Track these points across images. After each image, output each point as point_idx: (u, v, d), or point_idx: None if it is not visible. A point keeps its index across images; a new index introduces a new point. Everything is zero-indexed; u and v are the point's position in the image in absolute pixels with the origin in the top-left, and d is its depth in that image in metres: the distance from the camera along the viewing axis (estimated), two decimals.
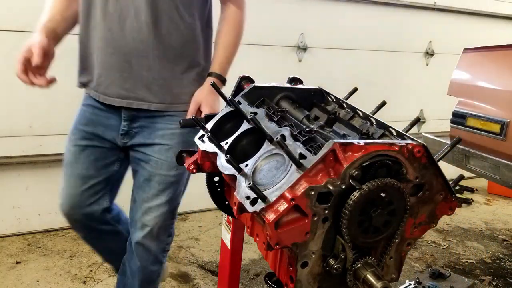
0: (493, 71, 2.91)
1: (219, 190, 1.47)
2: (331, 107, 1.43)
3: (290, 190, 0.93)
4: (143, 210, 1.73)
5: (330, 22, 3.91)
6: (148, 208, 1.73)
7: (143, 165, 1.72)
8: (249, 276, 2.79)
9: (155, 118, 1.68)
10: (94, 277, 2.69)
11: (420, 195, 1.05)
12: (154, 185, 1.71)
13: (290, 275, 1.04)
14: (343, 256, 0.99)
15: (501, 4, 4.79)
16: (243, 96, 1.39)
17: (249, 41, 3.58)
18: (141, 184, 1.73)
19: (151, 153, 1.70)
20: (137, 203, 1.75)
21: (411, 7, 4.29)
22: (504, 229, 3.83)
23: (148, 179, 1.72)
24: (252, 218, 1.07)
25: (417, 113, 4.59)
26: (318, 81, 1.56)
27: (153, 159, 1.69)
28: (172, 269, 2.83)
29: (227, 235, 1.60)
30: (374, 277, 0.98)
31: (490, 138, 2.76)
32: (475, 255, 3.30)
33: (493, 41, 3.05)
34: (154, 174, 1.70)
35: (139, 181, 1.75)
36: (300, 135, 1.11)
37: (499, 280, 2.95)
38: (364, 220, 0.98)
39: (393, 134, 1.17)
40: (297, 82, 1.52)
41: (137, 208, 1.75)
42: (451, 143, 1.19)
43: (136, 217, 1.75)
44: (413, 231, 1.09)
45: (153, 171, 1.70)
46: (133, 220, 1.77)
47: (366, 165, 0.95)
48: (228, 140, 1.23)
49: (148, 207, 1.72)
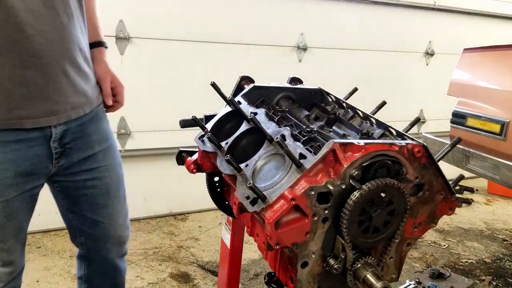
0: (493, 71, 2.91)
1: (219, 190, 1.47)
2: (331, 107, 1.43)
3: (290, 190, 0.93)
4: (116, 227, 1.59)
5: (330, 22, 3.91)
6: (121, 224, 1.60)
7: (93, 183, 1.48)
8: (249, 276, 2.79)
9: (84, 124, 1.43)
10: None
11: (420, 195, 1.05)
12: (117, 194, 1.56)
13: (290, 275, 1.04)
14: (343, 256, 0.99)
15: (501, 4, 4.79)
16: (243, 96, 1.39)
17: (249, 41, 3.60)
18: (98, 203, 1.52)
19: (106, 161, 1.50)
20: (102, 224, 1.55)
21: (411, 7, 4.29)
22: (504, 229, 3.83)
23: (107, 193, 1.52)
24: (252, 218, 1.07)
25: (417, 113, 4.59)
26: (318, 81, 1.56)
27: (110, 167, 1.52)
28: (172, 269, 2.83)
29: (227, 235, 1.60)
30: (374, 277, 0.98)
31: (490, 138, 2.76)
32: (475, 255, 3.30)
33: (493, 41, 3.05)
34: (115, 184, 1.55)
35: (93, 202, 1.51)
36: (300, 135, 1.12)
37: (499, 280, 2.95)
38: (364, 220, 0.98)
39: (393, 134, 1.17)
40: (297, 82, 1.52)
41: (105, 227, 1.56)
42: (451, 143, 1.19)
43: (109, 234, 1.58)
44: (413, 231, 1.10)
45: (114, 182, 1.54)
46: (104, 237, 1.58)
47: (366, 165, 0.95)
48: (228, 140, 1.24)
49: (120, 223, 1.60)
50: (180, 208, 3.71)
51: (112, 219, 1.56)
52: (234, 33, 3.52)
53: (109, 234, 1.58)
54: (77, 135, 1.39)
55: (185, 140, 1.92)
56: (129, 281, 2.66)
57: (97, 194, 1.50)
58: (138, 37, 3.19)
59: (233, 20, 3.50)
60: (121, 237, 1.62)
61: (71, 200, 1.50)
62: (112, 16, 3.09)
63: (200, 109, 1.56)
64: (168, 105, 3.37)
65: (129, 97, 3.35)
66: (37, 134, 1.28)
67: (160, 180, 3.54)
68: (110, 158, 1.52)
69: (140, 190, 3.51)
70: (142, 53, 3.23)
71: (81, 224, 1.55)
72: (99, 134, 1.47)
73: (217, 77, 1.50)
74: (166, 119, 3.35)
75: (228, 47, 3.51)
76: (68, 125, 1.35)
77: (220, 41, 3.48)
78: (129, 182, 3.69)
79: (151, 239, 3.23)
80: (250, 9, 3.55)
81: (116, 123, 3.28)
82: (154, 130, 3.41)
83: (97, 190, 1.49)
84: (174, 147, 1.86)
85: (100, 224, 1.54)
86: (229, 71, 1.75)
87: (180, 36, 3.33)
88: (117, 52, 3.14)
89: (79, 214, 1.53)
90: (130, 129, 3.33)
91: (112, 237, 1.59)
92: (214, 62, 3.45)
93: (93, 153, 1.44)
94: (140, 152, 3.41)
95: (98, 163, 1.47)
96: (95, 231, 1.56)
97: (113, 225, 1.57)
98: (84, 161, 1.43)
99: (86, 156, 1.43)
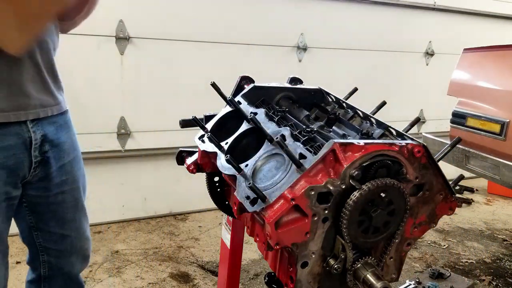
0: (493, 71, 2.91)
1: (219, 190, 1.47)
2: (331, 107, 1.43)
3: (290, 190, 0.93)
4: (82, 239, 1.54)
5: (330, 22, 3.91)
6: (86, 237, 1.56)
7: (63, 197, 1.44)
8: (249, 276, 2.79)
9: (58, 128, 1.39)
10: (94, 277, 2.68)
11: (420, 195, 1.05)
12: (83, 205, 1.53)
13: (290, 275, 1.04)
14: (343, 256, 0.99)
15: (501, 4, 4.79)
16: (243, 96, 1.39)
17: (249, 41, 3.60)
18: (66, 217, 1.47)
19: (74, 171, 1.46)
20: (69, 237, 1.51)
21: (411, 7, 4.29)
22: (504, 229, 3.83)
23: (75, 206, 1.48)
24: (252, 218, 1.07)
25: (417, 113, 4.60)
26: (318, 81, 1.56)
27: (77, 177, 1.47)
28: (172, 269, 2.83)
29: (227, 235, 1.60)
30: (374, 277, 0.98)
31: (490, 138, 2.76)
32: (475, 255, 3.30)
33: (493, 41, 3.05)
34: (81, 195, 1.51)
35: (62, 217, 1.46)
36: (300, 135, 1.11)
37: (499, 280, 2.95)
38: (364, 220, 0.98)
39: (393, 134, 1.17)
40: (297, 82, 1.52)
41: (72, 240, 1.51)
42: (451, 143, 1.19)
43: (75, 248, 1.53)
44: (413, 231, 1.09)
45: (80, 192, 1.50)
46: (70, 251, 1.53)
47: (366, 165, 0.95)
48: (228, 140, 1.24)
49: (86, 236, 1.56)
50: (180, 208, 3.71)
51: (79, 232, 1.53)
52: (234, 33, 3.52)
53: (75, 247, 1.53)
54: (54, 143, 1.37)
55: (185, 140, 1.92)
56: (129, 281, 2.66)
57: (66, 208, 1.46)
58: (138, 37, 3.19)
59: (233, 20, 3.50)
60: (86, 250, 1.58)
61: (37, 217, 1.44)
62: (112, 16, 3.09)
63: (200, 109, 1.57)
64: (168, 105, 3.38)
65: (129, 97, 3.38)
66: (17, 140, 1.26)
67: (160, 180, 3.54)
68: (77, 169, 1.48)
69: (140, 190, 3.51)
70: (142, 53, 3.23)
71: (46, 241, 1.49)
72: (69, 143, 1.44)
73: (217, 77, 1.50)
74: (166, 119, 3.35)
75: (228, 47, 3.51)
76: (45, 129, 1.33)
77: (220, 41, 3.48)
78: (129, 182, 3.71)
79: (151, 239, 3.23)
80: (250, 9, 3.55)
81: (116, 123, 3.28)
82: (154, 130, 3.41)
83: (66, 204, 1.46)
84: (174, 147, 1.86)
85: (67, 238, 1.50)
86: (229, 71, 1.75)
87: (180, 36, 3.34)
88: (117, 52, 3.14)
89: (45, 231, 1.47)
90: (130, 129, 3.33)
91: (78, 250, 1.55)
92: (214, 62, 3.45)
93: (63, 163, 1.41)
94: (140, 152, 3.42)
95: (67, 174, 1.43)
96: (62, 246, 1.50)
97: (79, 238, 1.53)
98: (57, 172, 1.39)
99: (59, 166, 1.40)
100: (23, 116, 1.26)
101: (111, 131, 3.28)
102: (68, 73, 2.96)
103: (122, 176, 3.44)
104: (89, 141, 3.18)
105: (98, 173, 3.32)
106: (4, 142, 1.23)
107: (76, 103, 3.14)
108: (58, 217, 1.45)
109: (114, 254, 2.98)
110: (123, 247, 3.08)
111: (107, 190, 3.38)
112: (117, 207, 3.47)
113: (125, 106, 3.29)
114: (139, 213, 3.55)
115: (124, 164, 3.42)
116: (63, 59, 1.72)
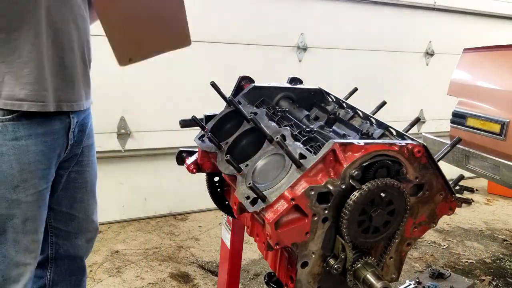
0: (493, 71, 2.91)
1: (219, 190, 1.47)
2: (331, 107, 1.43)
3: (290, 190, 0.93)
4: (89, 222, 1.61)
5: (330, 22, 3.91)
6: (93, 220, 1.63)
7: (75, 176, 1.52)
8: (249, 276, 2.79)
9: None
10: (94, 277, 2.68)
11: (420, 195, 1.05)
12: (93, 190, 1.60)
13: (290, 275, 1.04)
14: (343, 256, 0.99)
15: (501, 4, 4.79)
16: (243, 96, 1.39)
17: (249, 41, 3.60)
18: (76, 197, 1.55)
19: (89, 156, 1.55)
20: (77, 218, 1.58)
21: (411, 7, 4.29)
22: (504, 229, 3.83)
23: (84, 187, 1.57)
24: (252, 218, 1.07)
25: (417, 113, 4.59)
26: (318, 81, 1.56)
27: (90, 162, 1.57)
28: (172, 269, 2.83)
29: (227, 235, 1.60)
30: (374, 277, 0.98)
31: (490, 138, 2.76)
32: (475, 255, 3.30)
33: (493, 41, 3.05)
34: (92, 179, 1.60)
35: (72, 196, 1.54)
36: (300, 135, 1.12)
37: (499, 280, 2.94)
38: (364, 220, 0.98)
39: (393, 134, 1.17)
40: (297, 82, 1.52)
41: (79, 221, 1.59)
42: (451, 143, 1.19)
43: (82, 229, 1.60)
44: (413, 231, 1.10)
45: (92, 177, 1.59)
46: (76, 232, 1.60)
47: (366, 165, 0.95)
48: (228, 140, 1.24)
49: (92, 219, 1.63)
50: (180, 208, 3.71)
51: (86, 214, 1.59)
52: (234, 33, 3.52)
53: (82, 229, 1.60)
54: (83, 127, 1.48)
55: (185, 140, 1.92)
56: (129, 281, 2.66)
57: (76, 187, 1.54)
58: None
59: (233, 20, 3.50)
60: (91, 233, 1.64)
61: (52, 196, 1.48)
62: None
63: (200, 109, 1.56)
64: (168, 105, 3.37)
65: (129, 97, 3.37)
66: (60, 125, 1.36)
67: (160, 180, 3.54)
68: (92, 154, 1.57)
69: (140, 190, 3.51)
70: None
71: (56, 222, 1.56)
72: (89, 130, 1.53)
73: (217, 77, 1.50)
74: (166, 119, 3.35)
75: (228, 47, 3.51)
76: (79, 116, 1.43)
77: (220, 41, 3.48)
78: (129, 182, 3.70)
79: (151, 239, 3.23)
80: (250, 9, 3.55)
81: (116, 123, 3.28)
82: (154, 130, 3.41)
83: (76, 183, 1.53)
84: (174, 147, 1.86)
85: (75, 218, 1.57)
86: (229, 71, 1.75)
87: None
88: None
89: (56, 211, 1.54)
90: (130, 129, 3.33)
91: (83, 232, 1.61)
92: (214, 62, 3.45)
93: (84, 146, 1.51)
94: (140, 152, 3.41)
95: (83, 157, 1.52)
96: (69, 227, 1.57)
97: (86, 220, 1.60)
98: (78, 154, 1.49)
99: (81, 148, 1.50)
100: (72, 107, 1.38)
101: (111, 131, 3.27)
102: None
103: (122, 176, 3.44)
104: None
105: (98, 173, 3.32)
106: (53, 126, 1.34)
107: None
108: (69, 195, 1.53)
109: (114, 254, 2.98)
110: (123, 247, 3.08)
111: (107, 190, 3.37)
112: (117, 207, 3.47)
113: (125, 106, 3.29)
114: (139, 213, 3.55)
115: (124, 164, 3.42)
116: None
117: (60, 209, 1.54)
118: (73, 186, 1.53)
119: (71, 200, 1.54)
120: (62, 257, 1.62)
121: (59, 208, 1.53)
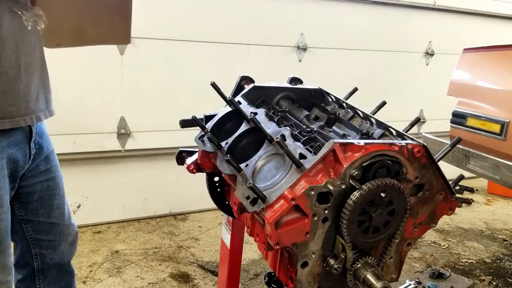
0: (493, 71, 2.91)
1: (219, 190, 1.47)
2: (331, 107, 1.43)
3: (290, 190, 0.93)
4: (69, 226, 1.60)
5: (330, 22, 3.91)
6: (72, 223, 1.61)
7: (48, 184, 1.51)
8: (249, 276, 2.79)
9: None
10: (94, 277, 2.69)
11: (420, 195, 1.05)
12: (63, 194, 1.57)
13: (290, 275, 1.04)
14: (343, 256, 0.99)
15: (501, 4, 4.79)
16: (243, 96, 1.39)
17: (249, 41, 3.60)
18: (52, 204, 1.53)
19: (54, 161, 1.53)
20: (57, 225, 1.56)
21: (411, 7, 4.29)
22: (504, 229, 3.83)
23: (58, 193, 1.54)
24: (252, 218, 1.07)
25: (417, 113, 4.59)
26: (318, 81, 1.56)
27: (57, 166, 1.55)
28: (172, 269, 2.83)
29: (227, 235, 1.60)
30: (374, 277, 0.98)
31: (490, 138, 2.76)
32: (475, 255, 3.30)
33: (493, 41, 3.05)
34: (62, 183, 1.57)
35: (48, 205, 1.52)
36: (300, 135, 1.12)
37: (499, 280, 2.95)
38: (364, 220, 0.98)
39: (393, 134, 1.17)
40: (297, 82, 1.52)
41: (60, 228, 1.57)
42: (451, 143, 1.19)
43: (64, 235, 1.59)
44: (413, 231, 1.10)
45: (62, 181, 1.57)
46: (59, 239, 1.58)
47: (366, 165, 0.95)
48: (228, 140, 1.24)
49: (71, 222, 1.61)
50: (180, 208, 3.71)
51: (64, 219, 1.58)
52: (234, 33, 3.52)
53: (64, 235, 1.59)
54: (42, 135, 1.46)
55: (185, 140, 1.92)
56: (129, 281, 2.66)
57: (51, 195, 1.52)
58: (138, 37, 3.18)
59: (233, 20, 3.50)
60: (72, 236, 1.63)
61: (27, 208, 1.49)
62: None
63: (200, 109, 1.57)
64: (168, 105, 3.37)
65: (129, 97, 3.38)
66: (22, 135, 1.33)
67: (160, 180, 3.54)
68: (55, 159, 1.55)
69: (140, 190, 3.51)
70: (142, 53, 3.22)
71: (36, 233, 1.53)
72: (47, 135, 1.52)
73: (217, 77, 1.50)
74: (166, 119, 3.35)
75: (228, 47, 3.51)
76: (38, 124, 1.42)
77: (220, 41, 3.48)
78: (129, 182, 3.70)
79: (151, 239, 3.23)
80: (250, 9, 3.55)
81: (116, 123, 3.28)
82: (154, 130, 3.41)
83: (51, 191, 1.52)
84: (174, 147, 1.86)
85: (55, 226, 1.55)
86: (229, 71, 1.75)
87: (180, 36, 3.33)
88: (117, 52, 3.14)
89: (34, 222, 1.52)
90: (130, 129, 3.33)
91: (66, 237, 1.60)
92: (214, 62, 3.45)
93: (47, 153, 1.49)
94: (140, 152, 3.41)
95: (50, 162, 1.51)
96: (51, 235, 1.55)
97: (66, 224, 1.59)
98: (43, 161, 1.47)
99: (45, 155, 1.48)
100: (32, 120, 1.35)
101: (111, 131, 3.27)
102: (68, 73, 2.97)
103: (122, 176, 3.44)
104: (89, 141, 3.18)
105: (98, 173, 3.32)
106: (15, 137, 1.31)
107: (76, 103, 3.15)
108: (46, 204, 1.51)
109: (114, 254, 2.98)
110: (123, 247, 3.08)
111: (107, 190, 3.38)
112: (117, 207, 3.47)
113: (125, 106, 3.28)
114: (139, 213, 3.55)
115: (124, 164, 3.42)
116: (63, 60, 1.73)
117: (37, 219, 1.51)
118: (47, 194, 1.51)
119: (48, 209, 1.52)
120: (49, 266, 1.60)
121: (36, 219, 1.51)
